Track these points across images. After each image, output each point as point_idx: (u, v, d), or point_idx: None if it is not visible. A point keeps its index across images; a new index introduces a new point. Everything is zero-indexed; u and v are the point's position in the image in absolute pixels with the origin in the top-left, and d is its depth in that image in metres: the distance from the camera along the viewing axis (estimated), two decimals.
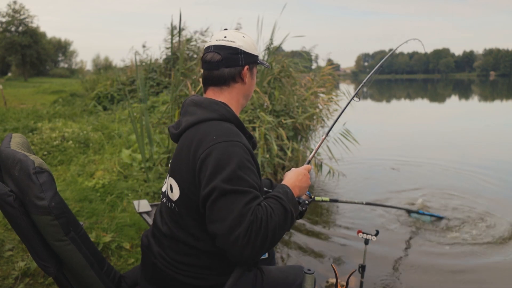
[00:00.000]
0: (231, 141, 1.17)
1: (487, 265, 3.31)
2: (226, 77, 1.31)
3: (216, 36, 1.34)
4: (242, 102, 1.39)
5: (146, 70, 9.08)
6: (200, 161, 1.15)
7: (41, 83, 30.48)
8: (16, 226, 1.07)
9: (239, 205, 1.08)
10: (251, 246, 1.07)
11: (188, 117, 1.28)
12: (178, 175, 1.24)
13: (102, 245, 2.74)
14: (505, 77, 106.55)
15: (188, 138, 1.23)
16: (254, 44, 1.37)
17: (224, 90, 1.33)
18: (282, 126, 5.35)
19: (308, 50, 7.34)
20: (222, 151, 1.14)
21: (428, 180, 5.87)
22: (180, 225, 1.25)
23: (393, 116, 16.22)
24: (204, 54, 1.34)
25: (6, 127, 6.70)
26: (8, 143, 1.20)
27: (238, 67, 1.32)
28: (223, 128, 1.21)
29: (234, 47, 1.31)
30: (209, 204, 1.11)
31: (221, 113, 1.26)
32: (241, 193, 1.10)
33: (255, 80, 1.43)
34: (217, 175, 1.11)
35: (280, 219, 1.14)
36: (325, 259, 3.45)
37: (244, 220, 1.06)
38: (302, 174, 1.36)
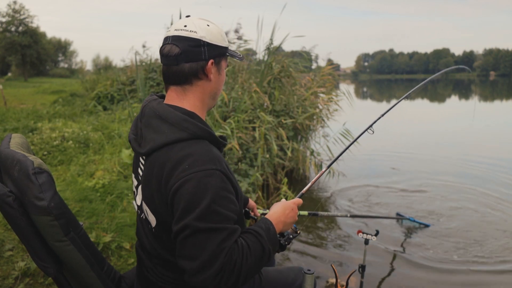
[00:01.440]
0: (206, 170, 1.03)
1: (488, 266, 3.31)
2: (187, 74, 1.13)
3: (176, 25, 1.15)
4: (209, 103, 1.22)
5: (146, 70, 9.08)
6: (172, 193, 1.04)
7: (41, 83, 30.48)
8: (15, 227, 1.07)
9: (213, 245, 1.00)
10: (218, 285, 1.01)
11: (153, 135, 1.11)
12: (152, 204, 1.13)
13: (102, 245, 2.74)
14: (505, 77, 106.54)
15: (157, 164, 1.09)
16: (221, 34, 1.17)
17: (187, 90, 1.16)
18: (282, 126, 5.35)
19: (308, 50, 7.32)
20: (195, 184, 1.01)
21: (428, 179, 5.87)
22: (164, 246, 1.18)
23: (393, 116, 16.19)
24: (162, 46, 1.16)
25: (6, 127, 6.70)
26: (8, 143, 1.19)
27: (201, 62, 1.13)
28: (196, 153, 1.06)
29: (195, 38, 1.12)
30: (180, 240, 1.03)
31: (191, 131, 1.09)
32: (215, 230, 1.01)
33: (224, 75, 1.24)
34: (190, 211, 1.01)
35: (256, 259, 1.07)
36: (325, 259, 3.45)
37: (216, 261, 1.00)
38: (290, 209, 1.25)
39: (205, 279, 1.00)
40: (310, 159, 5.72)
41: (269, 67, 5.99)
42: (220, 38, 1.17)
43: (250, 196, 3.94)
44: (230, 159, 4.32)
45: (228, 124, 4.53)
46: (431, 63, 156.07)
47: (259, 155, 4.50)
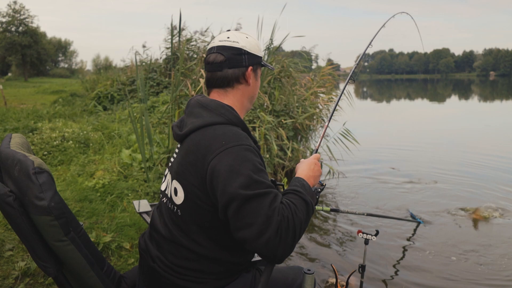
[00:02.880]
0: (242, 145, 1.14)
1: (488, 265, 3.31)
2: (230, 78, 1.28)
3: (219, 37, 1.32)
4: (247, 105, 1.36)
5: (146, 70, 9.08)
6: (211, 168, 1.12)
7: (41, 83, 30.48)
8: (15, 227, 1.07)
9: (264, 208, 1.07)
10: (283, 246, 1.07)
11: (194, 119, 1.24)
12: (184, 179, 1.20)
13: (102, 245, 2.74)
14: (505, 77, 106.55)
15: (194, 142, 1.20)
16: (257, 45, 1.34)
17: (228, 92, 1.30)
18: (282, 126, 5.35)
19: (308, 50, 7.35)
20: (233, 157, 1.11)
21: (427, 180, 5.87)
22: (182, 229, 1.23)
23: (393, 116, 16.22)
24: (207, 55, 1.31)
25: (6, 127, 6.69)
26: (8, 143, 1.19)
27: (242, 68, 1.29)
28: (231, 132, 1.18)
29: (237, 48, 1.28)
30: (232, 213, 1.09)
31: (227, 117, 1.23)
32: (262, 195, 1.08)
33: (260, 82, 1.39)
34: (233, 182, 1.08)
35: (303, 213, 1.15)
36: (325, 259, 3.45)
37: (272, 221, 1.06)
38: (314, 164, 1.37)
39: (268, 241, 1.06)
40: None
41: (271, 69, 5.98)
42: (257, 48, 1.33)
43: None
44: None
45: None
46: (431, 63, 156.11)
47: None
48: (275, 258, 1.09)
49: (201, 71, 4.88)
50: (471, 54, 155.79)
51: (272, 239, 1.05)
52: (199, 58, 5.72)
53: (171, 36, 6.05)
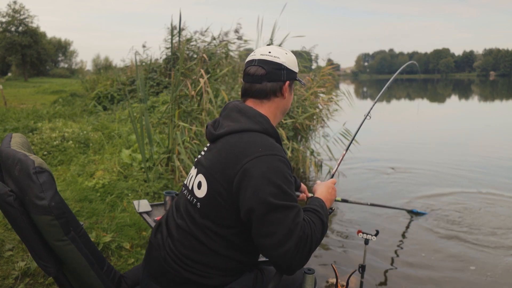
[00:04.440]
0: (276, 155, 1.19)
1: (489, 265, 3.31)
2: (268, 91, 1.33)
3: (261, 51, 1.37)
4: (279, 117, 1.41)
5: (146, 70, 9.08)
6: (244, 170, 1.15)
7: (41, 83, 30.48)
8: (16, 226, 1.07)
9: (288, 221, 1.12)
10: (298, 260, 1.14)
11: (231, 123, 1.28)
12: (211, 175, 1.24)
13: (102, 245, 2.74)
14: (505, 77, 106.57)
15: (230, 143, 1.24)
16: (295, 61, 1.40)
17: (264, 103, 1.35)
18: (282, 126, 5.35)
19: (308, 50, 7.32)
20: (268, 165, 1.16)
21: (427, 179, 5.87)
22: (197, 222, 1.25)
23: (392, 116, 16.21)
24: (247, 67, 1.36)
25: (6, 127, 6.70)
26: (8, 143, 1.19)
27: (280, 82, 1.34)
28: (267, 142, 1.23)
29: (278, 63, 1.33)
30: (257, 218, 1.13)
31: (264, 126, 1.28)
32: (289, 208, 1.14)
33: (293, 95, 1.46)
34: (265, 188, 1.13)
35: (320, 233, 1.24)
36: (325, 259, 3.45)
37: (293, 235, 1.12)
38: (331, 188, 1.46)
39: (286, 252, 1.12)
40: (310, 159, 5.72)
41: None
42: (294, 64, 1.39)
43: None
44: None
45: None
46: (431, 63, 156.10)
47: None
48: (288, 270, 1.17)
49: (201, 71, 4.87)
50: (471, 54, 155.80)
51: (290, 252, 1.12)
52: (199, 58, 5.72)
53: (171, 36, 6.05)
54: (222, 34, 7.03)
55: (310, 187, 1.65)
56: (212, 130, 1.34)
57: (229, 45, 6.56)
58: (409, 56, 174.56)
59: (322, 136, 6.27)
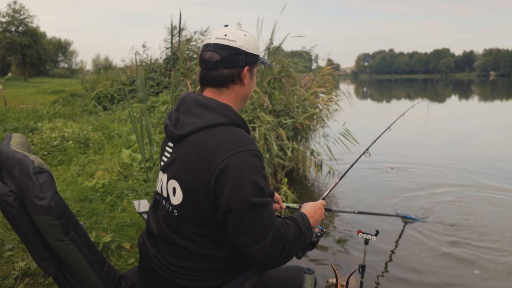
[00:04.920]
0: (250, 150, 1.14)
1: (489, 265, 3.31)
2: (225, 79, 1.24)
3: (216, 33, 1.26)
4: (240, 105, 1.33)
5: (146, 70, 9.07)
6: (219, 170, 1.11)
7: (41, 83, 30.49)
8: (16, 226, 1.07)
9: (265, 218, 1.13)
10: (273, 256, 1.16)
11: (194, 119, 1.20)
12: (184, 179, 1.18)
13: (102, 245, 2.74)
14: (505, 77, 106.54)
15: (199, 142, 1.16)
16: (255, 43, 1.29)
17: (223, 92, 1.26)
18: (282, 126, 5.35)
19: (308, 50, 7.33)
20: (243, 162, 1.12)
21: (427, 180, 5.87)
22: (177, 229, 1.22)
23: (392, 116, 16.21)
24: (203, 52, 1.26)
25: (6, 127, 6.69)
26: (8, 143, 1.19)
27: (238, 68, 1.24)
28: (239, 136, 1.17)
29: (234, 47, 1.23)
30: (236, 217, 1.12)
31: (232, 118, 1.21)
32: (264, 205, 1.13)
33: (255, 80, 1.38)
34: (243, 187, 1.10)
35: (294, 237, 1.22)
36: (325, 259, 3.45)
37: (269, 232, 1.14)
38: (318, 208, 1.44)
39: (261, 249, 1.13)
40: (310, 159, 5.72)
41: (269, 67, 5.98)
42: (255, 47, 1.29)
43: None
44: None
45: None
46: (431, 63, 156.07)
47: None
48: (262, 266, 1.19)
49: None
50: (471, 54, 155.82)
51: (266, 248, 1.13)
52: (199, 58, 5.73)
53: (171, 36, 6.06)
54: None
55: (310, 187, 1.65)
56: (173, 129, 1.24)
57: None
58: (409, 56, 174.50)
59: (322, 136, 6.27)
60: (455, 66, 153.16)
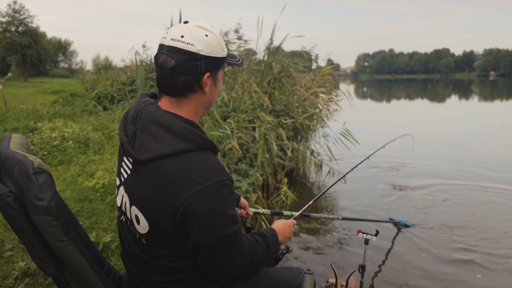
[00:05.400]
0: (218, 181, 1.05)
1: (489, 265, 3.31)
2: (182, 87, 1.09)
3: (172, 34, 1.08)
4: (202, 112, 1.20)
5: (146, 70, 9.07)
6: (185, 208, 1.02)
7: (41, 83, 30.48)
8: (15, 227, 1.07)
9: (235, 245, 1.12)
10: (241, 275, 1.18)
11: (155, 143, 1.06)
12: (149, 211, 1.09)
13: (102, 245, 2.74)
14: (505, 77, 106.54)
15: (160, 174, 1.05)
16: (219, 44, 1.12)
17: (181, 102, 1.13)
18: (282, 126, 5.35)
19: (308, 50, 7.31)
20: (212, 197, 1.03)
21: (427, 180, 5.87)
22: (148, 253, 1.17)
23: (392, 116, 16.21)
24: (157, 54, 1.10)
25: (6, 127, 6.69)
26: (8, 143, 1.19)
27: (196, 75, 1.09)
28: (206, 165, 1.06)
29: (192, 52, 1.06)
30: (206, 250, 1.09)
31: (197, 143, 1.08)
32: (234, 234, 1.10)
33: (221, 84, 1.21)
34: (212, 223, 1.05)
35: (262, 255, 1.23)
36: (325, 259, 3.45)
37: (238, 257, 1.14)
38: (288, 226, 1.44)
39: (231, 274, 1.15)
40: (310, 159, 5.72)
41: (269, 67, 5.99)
42: (219, 48, 1.12)
43: (250, 196, 3.94)
44: (230, 159, 4.32)
45: (228, 124, 4.53)
46: (431, 63, 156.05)
47: (259, 155, 4.50)
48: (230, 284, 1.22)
49: None
50: (471, 54, 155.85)
51: (234, 274, 1.15)
52: None
53: None
54: (222, 34, 7.02)
55: (310, 187, 1.65)
56: (131, 150, 1.10)
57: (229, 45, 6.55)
58: (409, 56, 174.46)
59: (322, 136, 6.27)
60: (455, 66, 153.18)
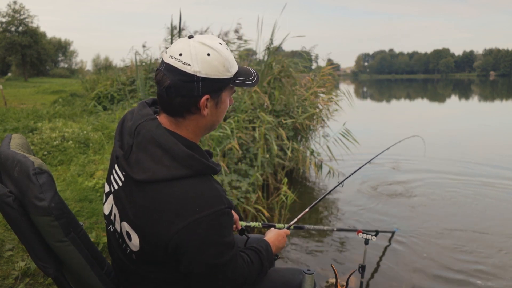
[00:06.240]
0: (216, 211, 1.01)
1: (488, 265, 3.31)
2: (177, 108, 1.04)
3: (172, 50, 1.03)
4: (204, 133, 1.14)
5: (146, 70, 9.06)
6: (179, 237, 0.99)
7: (41, 83, 30.48)
8: (15, 227, 1.07)
9: (228, 273, 1.10)
10: None
11: (153, 165, 1.01)
12: (141, 230, 1.05)
13: (102, 245, 2.74)
14: (505, 77, 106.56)
15: (158, 198, 1.01)
16: (223, 64, 1.03)
17: (180, 122, 1.08)
18: (282, 126, 5.35)
19: (308, 50, 7.32)
20: (208, 228, 1.00)
21: (426, 179, 5.87)
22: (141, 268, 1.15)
23: (392, 116, 16.21)
24: (157, 69, 1.06)
25: (6, 127, 6.69)
26: (8, 144, 1.19)
27: (192, 98, 1.03)
28: (204, 194, 1.02)
29: (188, 73, 1.00)
30: (198, 276, 1.07)
31: (196, 169, 1.03)
32: (227, 262, 1.08)
33: (227, 106, 1.13)
34: (206, 253, 1.03)
35: (255, 273, 1.24)
36: (325, 259, 3.45)
37: (231, 282, 1.13)
38: (282, 236, 1.46)
39: None
40: (310, 159, 5.72)
41: (269, 67, 5.99)
42: (222, 69, 1.04)
43: (250, 196, 3.94)
44: (230, 159, 4.32)
45: (228, 124, 4.53)
46: (431, 63, 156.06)
47: (259, 155, 4.51)
48: None
49: None
50: (471, 54, 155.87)
51: None
52: None
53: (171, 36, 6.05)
54: (222, 34, 7.03)
55: (310, 187, 1.65)
56: (124, 163, 1.06)
57: (229, 45, 6.57)
58: (409, 56, 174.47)
59: (322, 136, 6.27)
60: (455, 66, 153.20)
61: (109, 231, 1.23)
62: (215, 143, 4.18)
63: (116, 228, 1.16)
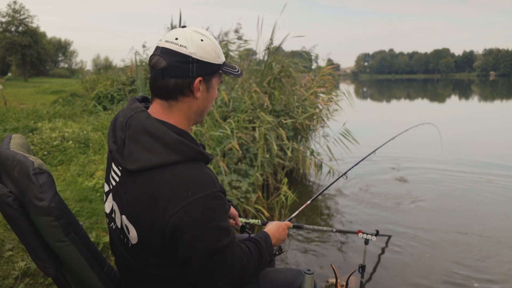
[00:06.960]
0: (209, 194, 1.02)
1: (487, 265, 3.31)
2: (171, 90, 1.08)
3: (168, 36, 1.09)
4: (195, 119, 1.17)
5: (146, 70, 9.06)
6: (174, 221, 1.00)
7: (41, 83, 30.48)
8: (15, 227, 1.07)
9: (226, 260, 1.09)
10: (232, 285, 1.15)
11: (145, 153, 1.04)
12: (137, 221, 1.07)
13: (102, 245, 2.75)
14: (505, 77, 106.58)
15: (149, 186, 1.03)
16: (215, 50, 1.11)
17: (172, 106, 1.11)
18: (282, 126, 5.35)
19: (308, 50, 7.31)
20: (202, 210, 1.01)
21: (427, 179, 5.87)
22: (141, 263, 1.16)
23: (392, 116, 16.21)
24: (151, 56, 1.11)
25: (6, 127, 6.69)
26: (8, 144, 1.19)
27: (187, 79, 1.07)
28: (196, 177, 1.03)
29: (184, 54, 1.05)
30: (195, 264, 1.06)
31: (188, 154, 1.05)
32: (226, 247, 1.07)
33: (215, 93, 1.18)
34: (202, 238, 1.02)
35: (255, 265, 1.21)
36: (325, 259, 3.45)
37: (229, 272, 1.11)
38: (282, 228, 1.43)
39: (221, 286, 1.12)
40: (310, 159, 5.72)
41: (269, 67, 5.99)
42: (214, 55, 1.10)
43: (250, 196, 3.94)
44: (230, 159, 4.32)
45: (228, 124, 4.53)
46: (431, 63, 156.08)
47: (259, 155, 4.51)
48: None
49: None
50: (471, 54, 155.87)
51: (224, 286, 1.12)
52: None
53: None
54: (222, 34, 7.02)
55: (310, 187, 1.65)
56: (118, 157, 1.08)
57: (229, 45, 6.57)
58: (409, 56, 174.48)
59: (322, 136, 6.27)
60: (455, 66, 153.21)
61: (111, 228, 1.24)
62: (215, 143, 4.18)
63: (117, 224, 1.17)
